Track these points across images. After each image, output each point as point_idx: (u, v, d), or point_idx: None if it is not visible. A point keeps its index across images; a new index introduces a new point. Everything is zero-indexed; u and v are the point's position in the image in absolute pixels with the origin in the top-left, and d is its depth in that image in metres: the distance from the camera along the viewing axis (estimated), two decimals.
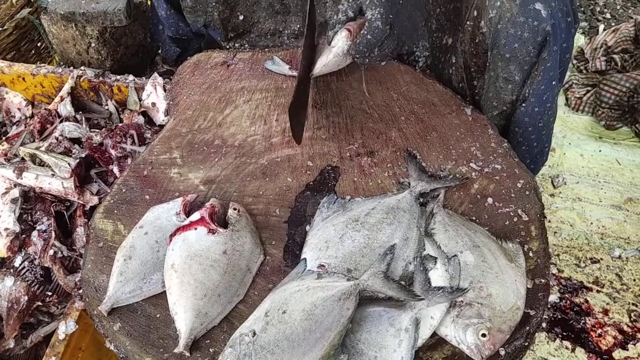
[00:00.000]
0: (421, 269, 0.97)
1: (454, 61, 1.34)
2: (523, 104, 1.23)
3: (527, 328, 0.97)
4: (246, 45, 1.62)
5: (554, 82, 1.20)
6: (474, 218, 1.11)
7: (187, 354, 0.93)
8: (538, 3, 1.11)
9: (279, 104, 1.33)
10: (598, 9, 2.67)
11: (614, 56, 2.19)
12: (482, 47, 1.22)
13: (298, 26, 1.58)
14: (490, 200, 1.13)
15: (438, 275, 0.98)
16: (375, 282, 0.92)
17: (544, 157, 1.43)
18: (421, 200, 1.11)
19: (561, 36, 1.15)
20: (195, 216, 1.04)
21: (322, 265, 0.98)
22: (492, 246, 1.03)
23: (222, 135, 1.27)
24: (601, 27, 2.45)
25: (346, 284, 0.91)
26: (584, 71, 2.27)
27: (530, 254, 1.06)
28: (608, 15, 2.64)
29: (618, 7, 2.68)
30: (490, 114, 1.30)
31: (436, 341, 0.95)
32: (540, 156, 1.40)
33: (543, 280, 1.02)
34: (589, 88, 2.20)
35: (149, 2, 1.88)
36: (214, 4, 1.56)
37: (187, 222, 1.04)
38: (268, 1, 1.54)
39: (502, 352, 0.93)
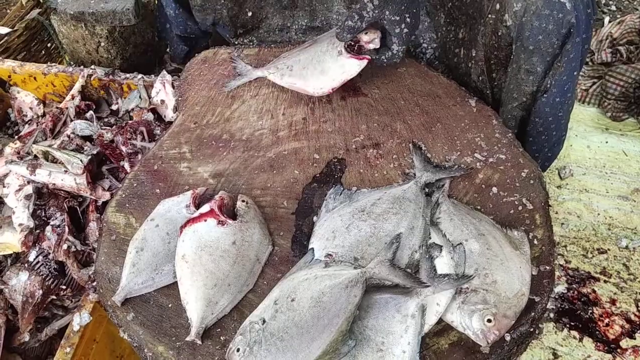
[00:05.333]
0: (427, 257, 0.98)
1: (473, 54, 1.35)
2: (544, 95, 1.24)
3: (532, 314, 0.98)
4: (255, 41, 1.64)
5: (575, 73, 1.22)
6: (479, 207, 1.12)
7: (199, 342, 0.95)
8: None
9: (286, 98, 1.35)
10: (603, 0, 2.67)
11: (620, 48, 2.19)
12: (505, 39, 1.23)
13: (305, 21, 1.59)
14: (495, 189, 1.15)
15: (444, 263, 1.00)
16: (382, 269, 0.93)
17: (560, 146, 1.44)
18: (426, 190, 1.13)
19: (582, 27, 1.17)
20: (205, 208, 1.07)
21: (330, 255, 1.00)
22: (497, 234, 1.04)
23: (230, 130, 1.30)
24: (606, 19, 2.44)
25: (353, 272, 0.93)
26: (590, 63, 2.27)
27: (535, 242, 1.07)
28: (613, 7, 2.64)
29: None
30: (510, 105, 1.31)
31: (442, 327, 0.96)
32: (557, 144, 1.42)
33: (548, 267, 1.03)
34: (595, 80, 2.20)
35: (156, 1, 1.90)
36: (222, 1, 1.58)
37: (197, 214, 1.07)
38: None
39: (508, 338, 0.95)
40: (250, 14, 1.62)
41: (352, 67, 1.26)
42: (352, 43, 1.26)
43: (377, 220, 1.04)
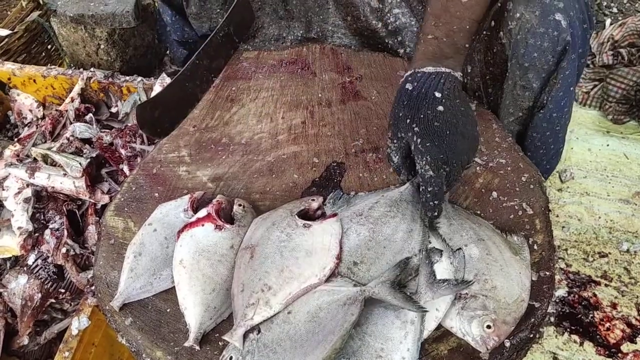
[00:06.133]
0: (426, 262, 0.98)
1: (469, 70, 1.35)
2: (541, 111, 1.24)
3: (532, 320, 0.97)
4: (250, 49, 1.63)
5: (571, 88, 1.21)
6: (478, 212, 1.12)
7: (197, 347, 0.95)
8: (558, 14, 1.10)
9: (285, 102, 1.34)
10: (605, 3, 2.66)
11: (621, 50, 2.18)
12: (500, 56, 1.22)
13: (301, 32, 1.58)
14: (494, 194, 1.14)
15: (443, 268, 0.99)
16: (382, 290, 0.91)
17: (558, 157, 1.44)
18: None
19: (578, 43, 1.16)
20: (202, 213, 1.06)
21: None
22: (496, 239, 1.04)
23: (229, 134, 1.29)
24: (608, 21, 2.44)
25: (352, 289, 0.92)
26: (591, 65, 2.27)
27: (535, 247, 1.06)
28: (615, 10, 2.63)
29: (625, 1, 2.67)
30: (507, 120, 1.30)
31: (442, 333, 0.96)
32: (555, 157, 1.42)
33: (548, 273, 1.03)
34: (596, 82, 2.20)
35: (156, 4, 1.90)
36: (218, 10, 1.58)
37: (194, 218, 1.06)
38: (272, 7, 1.55)
39: (507, 344, 0.94)
40: None
41: (334, 226, 1.03)
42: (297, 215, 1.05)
43: (376, 224, 1.04)
